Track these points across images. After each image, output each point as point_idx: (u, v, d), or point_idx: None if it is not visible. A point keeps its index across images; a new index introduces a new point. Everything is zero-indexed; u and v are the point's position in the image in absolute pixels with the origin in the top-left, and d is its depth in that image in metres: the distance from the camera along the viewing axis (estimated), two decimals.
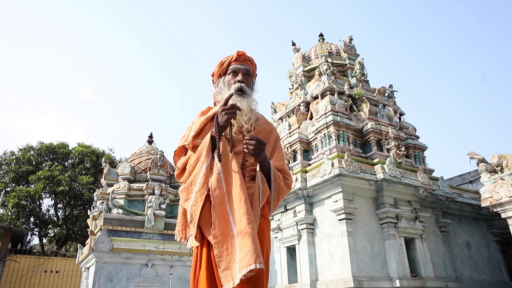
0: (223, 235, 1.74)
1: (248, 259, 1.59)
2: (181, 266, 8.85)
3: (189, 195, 1.90)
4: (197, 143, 2.01)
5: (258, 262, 1.59)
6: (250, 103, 2.09)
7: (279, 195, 2.03)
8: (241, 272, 1.60)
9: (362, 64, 11.16)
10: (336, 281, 6.95)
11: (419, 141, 9.94)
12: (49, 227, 19.78)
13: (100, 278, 7.92)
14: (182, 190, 1.96)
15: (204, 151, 1.90)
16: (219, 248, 1.72)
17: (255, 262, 1.58)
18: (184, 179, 2.01)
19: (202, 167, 1.89)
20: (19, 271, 14.54)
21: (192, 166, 1.96)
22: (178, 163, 2.09)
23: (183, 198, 1.94)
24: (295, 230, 8.05)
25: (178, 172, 2.07)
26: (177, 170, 2.08)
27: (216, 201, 1.80)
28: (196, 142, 2.02)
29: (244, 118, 2.04)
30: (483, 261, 9.18)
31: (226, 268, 1.68)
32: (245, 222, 1.70)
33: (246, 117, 2.04)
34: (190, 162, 1.99)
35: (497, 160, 7.94)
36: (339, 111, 9.02)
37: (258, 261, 1.59)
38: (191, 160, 1.99)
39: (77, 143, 21.30)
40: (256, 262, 1.58)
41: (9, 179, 18.66)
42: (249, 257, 1.59)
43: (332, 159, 7.61)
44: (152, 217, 8.96)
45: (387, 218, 7.53)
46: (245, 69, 2.20)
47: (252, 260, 1.58)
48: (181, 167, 2.05)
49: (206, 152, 1.89)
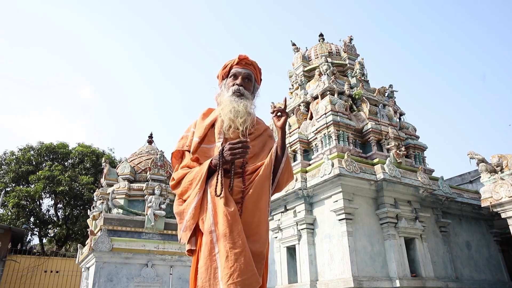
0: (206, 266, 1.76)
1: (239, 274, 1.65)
2: (181, 266, 8.85)
3: (181, 221, 1.95)
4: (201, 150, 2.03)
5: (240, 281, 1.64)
6: (248, 106, 2.09)
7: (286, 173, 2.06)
8: None
9: (362, 64, 11.16)
10: (336, 281, 6.95)
11: (419, 141, 9.94)
12: (49, 227, 19.77)
13: (100, 278, 7.92)
14: (176, 213, 2.00)
15: (199, 183, 1.90)
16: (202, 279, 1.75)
17: None
18: (177, 193, 2.05)
19: (194, 198, 1.90)
20: (19, 271, 14.53)
21: (186, 186, 1.98)
22: (174, 174, 2.09)
23: (177, 219, 2.00)
24: (295, 230, 8.04)
25: (173, 184, 2.07)
26: (172, 181, 2.08)
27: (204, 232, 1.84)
28: (200, 149, 2.04)
29: (239, 120, 2.03)
30: (483, 261, 9.17)
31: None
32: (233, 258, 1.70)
33: (242, 119, 2.04)
34: (185, 180, 1.99)
35: (497, 160, 7.94)
36: (339, 111, 9.01)
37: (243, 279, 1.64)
38: (186, 179, 1.99)
39: (77, 143, 21.29)
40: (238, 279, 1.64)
41: (9, 179, 18.65)
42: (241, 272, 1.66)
43: (332, 159, 7.61)
44: (152, 217, 8.96)
45: (387, 218, 7.53)
46: (245, 73, 2.20)
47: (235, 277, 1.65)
48: (176, 180, 2.06)
49: (200, 184, 1.90)
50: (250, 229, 1.82)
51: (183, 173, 2.02)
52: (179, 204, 2.01)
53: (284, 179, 2.07)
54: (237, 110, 2.03)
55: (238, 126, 2.04)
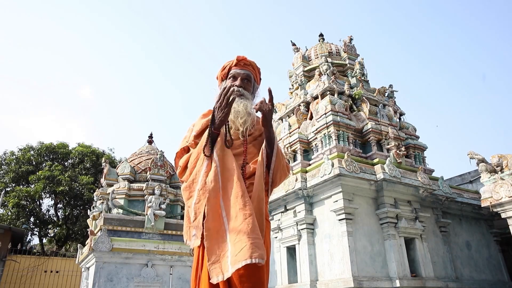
0: (215, 229, 1.72)
1: (244, 254, 1.57)
2: (181, 266, 8.85)
3: (192, 193, 1.90)
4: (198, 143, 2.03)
5: (255, 256, 1.55)
6: (248, 106, 2.08)
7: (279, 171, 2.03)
8: (234, 266, 1.57)
9: (362, 64, 11.16)
10: (336, 281, 6.95)
11: (419, 141, 9.94)
12: (49, 227, 19.76)
13: (100, 278, 7.92)
14: (185, 188, 1.96)
15: (204, 149, 1.91)
16: (209, 241, 1.71)
17: (251, 257, 1.55)
18: (186, 177, 2.01)
19: (202, 164, 1.90)
20: (19, 271, 14.53)
21: (193, 163, 1.97)
22: (179, 162, 2.09)
23: (185, 196, 1.94)
24: (295, 230, 8.04)
25: (180, 171, 2.08)
26: (179, 169, 2.08)
27: (211, 194, 1.80)
28: (197, 141, 2.04)
29: (239, 121, 2.03)
30: (483, 261, 9.18)
31: (216, 261, 1.66)
32: (241, 218, 1.68)
33: (242, 120, 2.03)
34: (191, 160, 2.00)
35: (497, 160, 7.95)
36: (339, 111, 9.02)
37: (254, 255, 1.55)
38: (191, 158, 2.00)
39: (77, 143, 21.28)
40: (252, 257, 1.55)
41: (9, 179, 18.64)
42: (245, 252, 1.57)
43: (332, 159, 7.61)
44: (152, 217, 8.96)
45: (387, 218, 7.53)
46: (244, 74, 2.19)
47: (247, 255, 1.55)
48: (182, 165, 2.06)
49: (206, 149, 1.90)
50: None
51: (188, 156, 2.05)
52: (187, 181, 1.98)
53: (277, 177, 2.05)
54: (237, 110, 2.02)
55: (238, 127, 2.04)
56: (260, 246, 1.61)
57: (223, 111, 1.89)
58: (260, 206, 1.86)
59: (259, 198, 1.88)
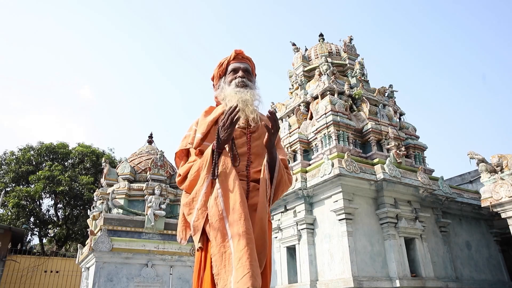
0: (220, 253, 1.73)
1: (245, 282, 1.59)
2: (181, 266, 8.85)
3: (191, 210, 1.90)
4: (205, 147, 2.00)
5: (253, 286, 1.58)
6: (255, 94, 2.09)
7: (281, 186, 2.02)
8: None
9: (362, 64, 11.16)
10: (336, 281, 6.95)
11: (419, 141, 9.94)
12: (49, 227, 19.76)
13: (100, 278, 7.91)
14: (184, 204, 1.96)
15: (205, 168, 1.89)
16: (217, 267, 1.72)
17: (252, 286, 1.58)
18: (185, 188, 2.00)
19: (203, 184, 1.88)
20: (19, 271, 14.52)
21: (193, 177, 1.95)
22: (179, 170, 2.06)
23: (185, 212, 1.95)
24: (295, 230, 8.04)
25: (179, 180, 2.05)
26: (178, 177, 2.06)
27: (213, 218, 1.79)
28: (204, 145, 2.00)
29: (250, 108, 2.02)
30: (483, 261, 9.17)
31: (223, 287, 1.68)
32: (243, 242, 1.68)
33: (252, 108, 2.03)
34: (191, 172, 1.97)
35: (497, 160, 7.94)
36: (339, 111, 9.01)
37: (254, 285, 1.59)
38: (192, 170, 1.97)
39: (77, 143, 21.27)
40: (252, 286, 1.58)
41: (9, 179, 18.64)
42: (246, 280, 1.59)
43: (332, 159, 7.61)
44: (152, 217, 8.96)
45: (387, 218, 7.53)
46: (244, 67, 2.20)
47: (249, 283, 1.58)
48: (182, 174, 2.03)
49: (207, 169, 1.88)
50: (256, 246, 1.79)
51: (189, 166, 2.01)
52: (187, 196, 1.97)
53: (279, 191, 2.04)
54: (245, 99, 2.01)
55: (249, 115, 2.02)
56: (258, 275, 1.65)
57: (227, 131, 1.87)
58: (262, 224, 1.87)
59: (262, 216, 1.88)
